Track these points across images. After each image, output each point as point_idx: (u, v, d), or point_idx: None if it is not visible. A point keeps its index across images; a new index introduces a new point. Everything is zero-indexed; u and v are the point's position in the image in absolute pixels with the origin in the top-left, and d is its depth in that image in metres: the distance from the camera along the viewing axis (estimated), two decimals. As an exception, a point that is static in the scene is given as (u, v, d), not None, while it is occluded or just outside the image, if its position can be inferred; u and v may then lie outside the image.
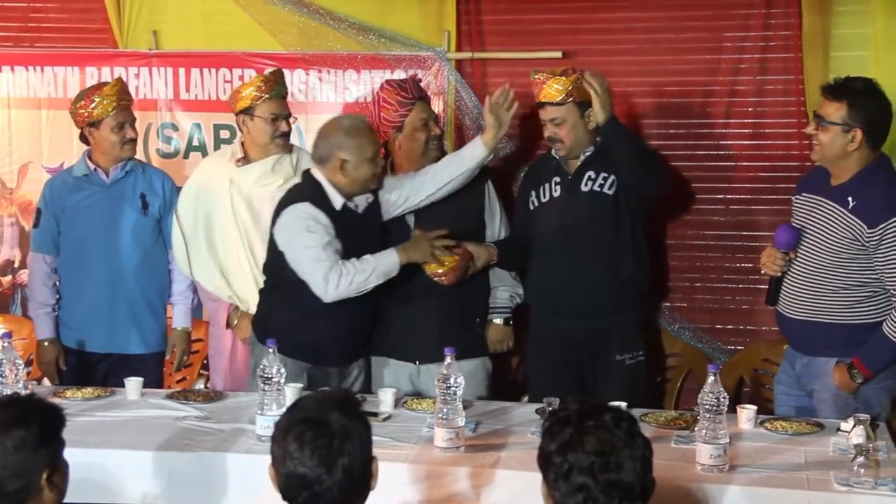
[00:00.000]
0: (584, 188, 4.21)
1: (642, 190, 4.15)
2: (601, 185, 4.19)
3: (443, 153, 4.34)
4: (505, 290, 4.36)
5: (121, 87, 4.47)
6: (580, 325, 4.19)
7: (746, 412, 3.59)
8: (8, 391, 3.52)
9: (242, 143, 4.43)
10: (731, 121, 4.82)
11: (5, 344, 3.64)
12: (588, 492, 2.17)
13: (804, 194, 3.91)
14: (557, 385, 4.00)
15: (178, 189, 4.59)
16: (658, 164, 4.28)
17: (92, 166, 4.49)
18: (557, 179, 4.26)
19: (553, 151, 4.29)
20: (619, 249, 4.19)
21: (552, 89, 4.15)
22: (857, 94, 3.72)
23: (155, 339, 4.56)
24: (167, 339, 4.60)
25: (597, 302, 4.17)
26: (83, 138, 4.50)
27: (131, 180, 4.50)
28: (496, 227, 4.38)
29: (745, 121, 4.82)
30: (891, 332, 3.67)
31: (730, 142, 4.83)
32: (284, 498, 2.33)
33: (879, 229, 3.65)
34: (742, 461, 3.23)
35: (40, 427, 2.46)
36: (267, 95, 4.30)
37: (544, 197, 4.29)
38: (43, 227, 4.56)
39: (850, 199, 3.71)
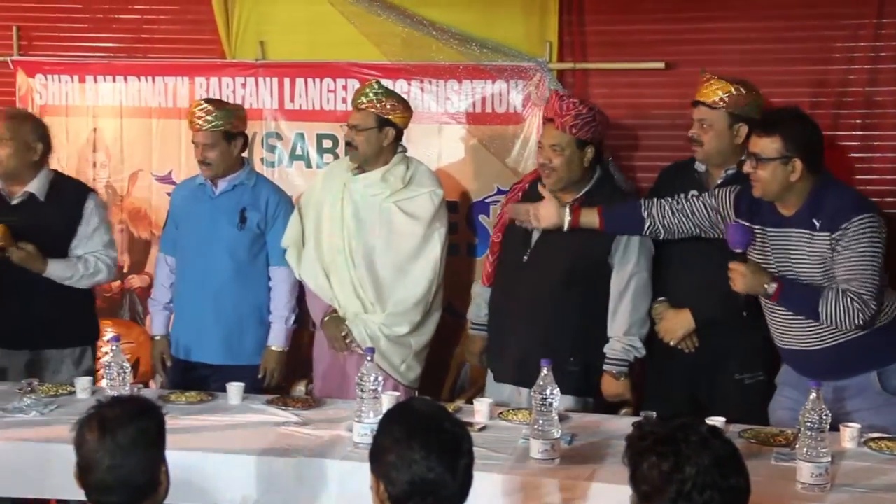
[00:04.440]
0: None
1: None
2: None
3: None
4: (619, 341, 4.10)
5: (212, 110, 4.50)
6: (702, 342, 4.12)
7: (850, 430, 3.50)
8: (114, 393, 3.63)
9: None
10: (839, 133, 4.72)
11: (114, 347, 3.75)
12: None
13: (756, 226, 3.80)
14: (672, 402, 3.97)
15: (285, 204, 4.64)
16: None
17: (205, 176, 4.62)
18: (695, 193, 4.11)
19: (697, 162, 4.20)
20: None
21: (710, 90, 4.09)
22: (788, 124, 3.65)
23: (245, 353, 4.59)
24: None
25: (719, 321, 4.07)
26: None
27: (237, 194, 4.58)
28: (627, 274, 4.09)
29: (854, 133, 4.73)
30: (824, 306, 3.58)
31: (837, 155, 4.74)
32: None
33: (840, 230, 3.58)
34: (845, 480, 3.15)
35: (157, 421, 2.54)
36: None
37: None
38: (167, 230, 4.75)
39: (814, 220, 3.64)
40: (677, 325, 4.12)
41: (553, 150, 4.12)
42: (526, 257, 4.22)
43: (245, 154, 4.70)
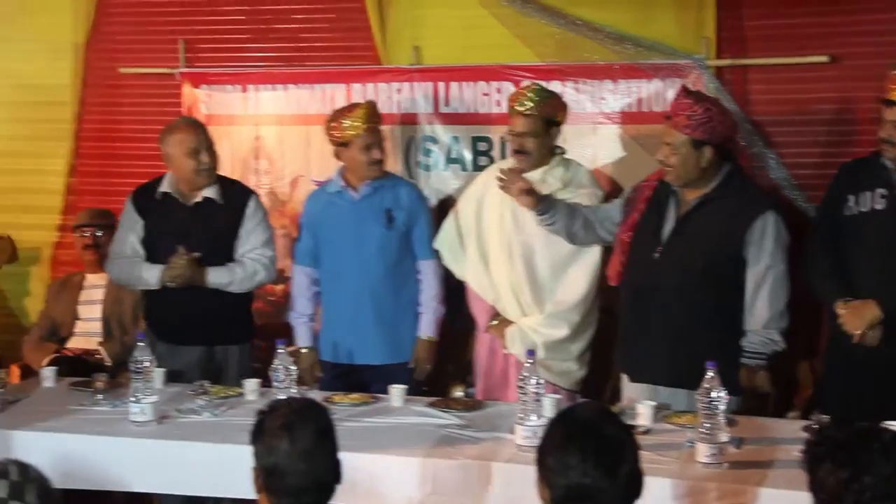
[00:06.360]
0: None
1: None
2: None
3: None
4: (757, 334, 3.97)
5: (370, 110, 4.62)
6: (888, 346, 3.91)
7: None
8: (281, 395, 3.71)
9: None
10: None
11: (281, 350, 3.84)
12: None
13: None
14: (852, 408, 3.82)
15: (423, 199, 4.78)
16: None
17: (343, 183, 4.68)
18: (884, 192, 3.94)
19: (883, 158, 3.98)
20: None
21: None
22: None
23: (405, 349, 4.66)
24: None
25: None
26: (337, 154, 4.70)
27: (378, 196, 4.64)
28: (764, 267, 3.94)
29: None
30: None
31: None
32: None
33: None
34: None
35: (329, 417, 2.61)
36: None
37: (864, 206, 3.99)
38: (302, 241, 4.80)
39: None
40: (859, 315, 3.89)
41: (669, 148, 4.04)
42: (657, 254, 4.10)
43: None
